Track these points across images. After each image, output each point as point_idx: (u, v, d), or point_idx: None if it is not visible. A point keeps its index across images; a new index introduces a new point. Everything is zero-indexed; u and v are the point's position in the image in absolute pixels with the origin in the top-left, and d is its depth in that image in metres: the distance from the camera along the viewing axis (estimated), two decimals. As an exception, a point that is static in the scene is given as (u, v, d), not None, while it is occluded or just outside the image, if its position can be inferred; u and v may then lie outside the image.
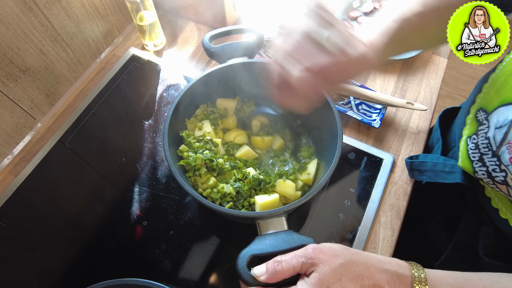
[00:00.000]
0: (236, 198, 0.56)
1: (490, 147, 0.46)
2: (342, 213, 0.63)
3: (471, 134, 0.52)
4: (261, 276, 0.40)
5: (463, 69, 2.01)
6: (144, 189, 0.67)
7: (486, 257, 0.55)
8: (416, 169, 0.64)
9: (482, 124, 0.49)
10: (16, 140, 0.73)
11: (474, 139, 0.50)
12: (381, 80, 0.80)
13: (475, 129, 0.51)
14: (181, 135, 0.61)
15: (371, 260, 0.39)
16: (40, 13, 0.66)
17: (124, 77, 0.80)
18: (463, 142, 0.54)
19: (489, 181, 0.48)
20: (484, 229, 0.56)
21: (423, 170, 0.62)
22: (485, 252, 0.56)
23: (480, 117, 0.50)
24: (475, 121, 0.51)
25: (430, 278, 0.39)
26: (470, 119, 0.53)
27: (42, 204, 0.66)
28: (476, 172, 0.50)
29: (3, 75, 0.64)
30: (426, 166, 0.62)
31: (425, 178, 0.62)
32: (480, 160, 0.49)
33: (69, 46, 0.75)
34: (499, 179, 0.46)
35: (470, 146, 0.51)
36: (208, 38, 0.62)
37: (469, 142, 0.52)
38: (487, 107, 0.49)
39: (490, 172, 0.47)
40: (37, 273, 0.60)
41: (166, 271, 0.59)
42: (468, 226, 0.58)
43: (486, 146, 0.47)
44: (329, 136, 0.57)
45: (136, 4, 0.75)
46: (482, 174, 0.49)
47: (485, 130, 0.48)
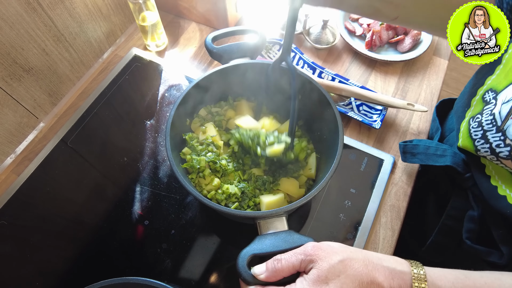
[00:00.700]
0: (241, 198, 0.57)
1: (495, 122, 0.47)
2: (343, 214, 0.63)
3: (475, 114, 0.52)
4: (261, 274, 0.40)
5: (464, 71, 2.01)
6: (145, 188, 0.67)
7: (468, 241, 0.56)
8: (409, 152, 0.64)
9: (489, 103, 0.49)
10: (19, 139, 0.73)
11: (477, 118, 0.51)
12: (382, 81, 0.80)
13: (481, 109, 0.51)
14: (185, 137, 0.61)
15: (370, 257, 0.40)
16: (43, 13, 0.67)
17: (126, 77, 0.81)
18: (464, 123, 0.54)
19: (493, 158, 0.48)
20: (469, 213, 0.57)
21: (416, 153, 0.63)
22: (467, 236, 0.57)
23: (487, 97, 0.50)
24: (482, 101, 0.52)
25: (429, 274, 0.39)
26: (476, 101, 0.53)
27: (44, 203, 0.67)
28: (479, 150, 0.50)
29: (7, 74, 0.65)
30: (418, 149, 0.62)
31: (417, 160, 0.63)
32: (483, 137, 0.49)
33: (72, 46, 0.76)
34: (503, 154, 0.46)
35: (472, 125, 0.51)
36: (211, 38, 0.63)
37: (472, 122, 0.52)
38: (497, 87, 0.49)
39: (494, 149, 0.47)
40: (39, 271, 0.60)
41: (167, 270, 0.59)
42: (454, 211, 0.59)
43: (490, 122, 0.48)
44: (330, 136, 0.57)
45: (138, 5, 0.75)
46: (485, 151, 0.49)
47: (491, 107, 0.48)
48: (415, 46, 0.82)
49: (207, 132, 0.61)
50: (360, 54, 0.83)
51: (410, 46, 0.81)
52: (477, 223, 0.57)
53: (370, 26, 0.85)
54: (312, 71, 0.80)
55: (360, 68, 0.83)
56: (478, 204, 0.57)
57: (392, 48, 0.84)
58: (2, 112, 0.67)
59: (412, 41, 0.81)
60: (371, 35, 0.82)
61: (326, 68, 0.79)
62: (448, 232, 0.61)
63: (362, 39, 0.86)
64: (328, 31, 0.84)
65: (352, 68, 0.83)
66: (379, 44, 0.83)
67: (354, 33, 0.86)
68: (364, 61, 0.83)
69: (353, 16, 0.89)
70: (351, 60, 0.84)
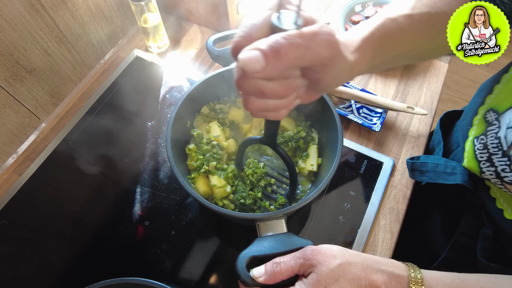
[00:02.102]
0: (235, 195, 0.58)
1: (501, 147, 0.46)
2: (342, 216, 0.64)
3: (479, 135, 0.52)
4: (260, 277, 0.41)
5: (465, 73, 2.02)
6: (146, 189, 0.68)
7: (484, 259, 0.56)
8: (417, 170, 0.64)
9: (492, 125, 0.49)
10: (21, 140, 0.74)
11: (482, 139, 0.50)
12: (382, 84, 0.81)
13: (484, 130, 0.51)
14: (193, 134, 0.62)
15: (368, 261, 0.40)
16: (46, 15, 0.67)
17: (128, 78, 0.81)
18: (469, 143, 0.54)
19: (497, 181, 0.48)
20: (483, 231, 0.56)
21: (424, 171, 0.62)
22: (482, 254, 0.56)
23: (489, 118, 0.50)
24: (484, 121, 0.51)
25: (426, 278, 0.39)
26: (478, 120, 0.53)
27: (45, 203, 0.67)
28: (483, 173, 0.50)
29: (9, 75, 0.65)
30: (427, 167, 0.62)
31: (426, 178, 0.62)
32: (489, 160, 0.49)
33: (74, 47, 0.76)
34: (508, 179, 0.46)
35: (477, 146, 0.51)
36: (212, 41, 0.63)
37: (476, 142, 0.52)
38: (498, 107, 0.49)
39: (499, 172, 0.47)
40: (40, 271, 0.61)
41: (167, 271, 0.60)
42: (466, 228, 0.59)
43: (496, 146, 0.47)
44: (330, 139, 0.58)
45: (140, 7, 0.76)
46: (490, 174, 0.49)
47: (496, 130, 0.48)
48: (415, 49, 0.82)
49: (211, 132, 0.62)
50: (361, 57, 0.83)
51: (411, 49, 0.81)
52: (491, 241, 0.56)
53: (370, 29, 0.85)
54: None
55: (360, 71, 0.83)
56: (491, 222, 0.56)
57: (392, 51, 0.84)
58: (4, 112, 0.67)
59: (412, 44, 0.81)
60: (372, 38, 0.82)
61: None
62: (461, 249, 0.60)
63: (362, 42, 0.86)
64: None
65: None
66: (380, 47, 0.83)
67: (354, 36, 0.86)
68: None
69: (354, 19, 0.89)
70: (352, 62, 0.84)
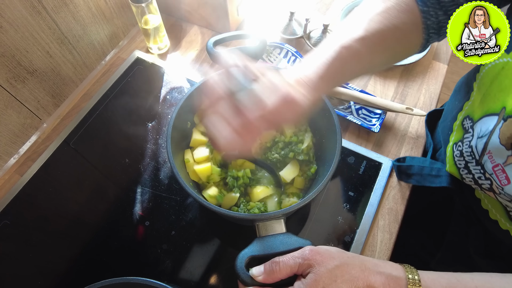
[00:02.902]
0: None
1: (474, 155, 0.47)
2: (341, 216, 0.64)
3: (457, 141, 0.52)
4: (259, 276, 0.41)
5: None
6: (146, 189, 0.68)
7: (477, 256, 0.56)
8: (404, 173, 0.65)
9: (468, 132, 0.50)
10: (22, 140, 0.74)
11: (459, 147, 0.51)
12: (381, 85, 0.81)
13: (461, 136, 0.51)
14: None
15: (366, 263, 0.40)
16: (48, 17, 0.68)
17: (129, 79, 0.82)
18: (449, 148, 0.54)
19: (477, 187, 0.49)
20: (474, 229, 0.57)
21: (411, 174, 0.63)
22: (475, 251, 0.57)
23: (466, 125, 0.51)
24: (462, 128, 0.52)
25: (423, 279, 0.40)
26: (457, 126, 0.54)
27: (46, 203, 0.68)
28: (464, 179, 0.51)
29: (11, 76, 0.66)
30: (413, 170, 0.62)
31: (413, 181, 0.63)
32: (466, 168, 0.49)
33: (75, 48, 0.77)
34: (485, 186, 0.46)
35: (455, 153, 0.52)
36: (212, 43, 0.63)
37: (455, 149, 0.52)
38: (473, 115, 0.49)
39: (477, 180, 0.48)
40: (41, 270, 0.61)
41: (167, 271, 0.60)
42: (457, 227, 0.59)
43: (469, 154, 0.48)
44: (329, 140, 0.58)
45: (141, 8, 0.76)
46: (469, 181, 0.49)
47: (469, 138, 0.49)
48: (414, 50, 0.83)
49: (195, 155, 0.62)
50: (360, 58, 0.83)
51: (410, 50, 0.82)
52: (482, 239, 0.56)
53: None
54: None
55: (360, 72, 0.83)
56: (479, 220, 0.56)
57: (392, 52, 0.85)
58: (6, 113, 0.68)
59: (411, 45, 0.82)
60: (371, 39, 0.82)
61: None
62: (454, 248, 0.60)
63: (362, 43, 0.86)
64: (328, 35, 0.85)
65: (352, 72, 0.83)
66: (379, 49, 0.83)
67: (354, 37, 0.87)
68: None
69: (354, 21, 0.89)
70: (351, 64, 0.85)
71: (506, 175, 0.41)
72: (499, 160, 0.42)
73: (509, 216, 0.48)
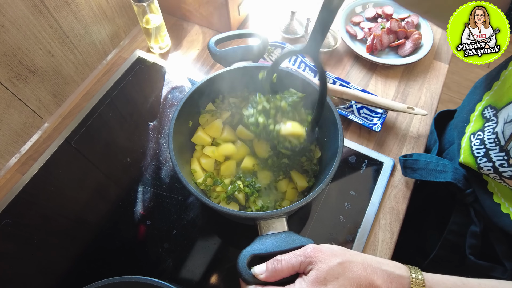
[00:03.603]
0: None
1: (498, 142, 0.47)
2: (342, 215, 0.64)
3: (476, 131, 0.52)
4: (261, 274, 0.41)
5: (466, 74, 2.02)
6: (148, 188, 0.68)
7: (472, 256, 0.56)
8: (409, 167, 0.65)
9: (490, 120, 0.49)
10: (24, 139, 0.75)
11: (479, 135, 0.51)
12: (382, 85, 0.81)
13: (481, 126, 0.51)
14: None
15: (369, 261, 0.40)
16: (49, 16, 0.68)
17: (130, 78, 0.82)
18: (465, 139, 0.54)
19: (496, 176, 0.48)
20: (471, 229, 0.57)
21: (416, 168, 0.63)
22: (470, 252, 0.57)
23: (487, 114, 0.50)
24: (481, 118, 0.52)
25: (427, 280, 0.39)
26: (476, 116, 0.53)
27: (48, 202, 0.68)
28: (481, 168, 0.50)
29: (13, 76, 0.66)
30: (419, 165, 0.63)
31: (418, 176, 0.63)
32: (486, 156, 0.49)
33: (76, 48, 0.77)
34: (507, 174, 0.46)
35: (474, 142, 0.51)
36: (214, 42, 0.63)
37: (473, 138, 0.52)
38: (497, 103, 0.49)
39: (497, 168, 0.47)
40: (42, 269, 0.61)
41: (169, 270, 0.60)
42: (456, 226, 0.59)
43: (493, 141, 0.48)
44: (330, 139, 0.58)
45: (142, 8, 0.76)
46: (488, 169, 0.49)
47: (493, 125, 0.48)
48: (415, 50, 0.83)
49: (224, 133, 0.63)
50: (361, 58, 0.83)
51: (411, 50, 0.82)
52: (479, 238, 0.56)
53: (371, 30, 0.86)
54: (314, 74, 0.81)
55: (361, 72, 0.83)
56: (480, 219, 0.57)
57: (392, 52, 0.85)
58: (8, 112, 0.68)
59: (412, 45, 0.82)
60: (372, 39, 0.82)
61: (327, 71, 0.80)
62: (450, 247, 0.60)
63: (363, 43, 0.86)
64: (329, 35, 0.85)
65: (353, 71, 0.84)
66: (380, 48, 0.84)
67: (355, 37, 0.87)
68: (365, 64, 0.84)
69: (355, 20, 0.89)
70: (352, 63, 0.85)
71: None
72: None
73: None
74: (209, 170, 0.62)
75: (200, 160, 0.62)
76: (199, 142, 0.64)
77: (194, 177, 0.61)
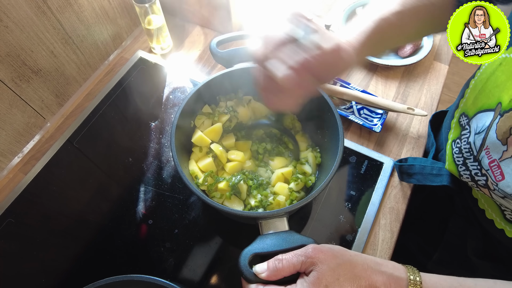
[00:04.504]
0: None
1: (472, 151, 0.48)
2: (343, 215, 0.64)
3: (455, 138, 0.53)
4: (262, 273, 0.41)
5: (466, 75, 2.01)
6: (149, 188, 0.69)
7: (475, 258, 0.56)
8: (405, 172, 0.65)
9: (465, 129, 0.50)
10: (27, 139, 0.75)
11: (458, 143, 0.52)
12: (382, 85, 0.82)
13: (459, 134, 0.52)
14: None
15: (369, 262, 0.41)
16: (52, 17, 0.68)
17: (132, 79, 0.82)
18: (448, 146, 0.55)
19: (473, 184, 0.49)
20: (472, 230, 0.57)
21: (412, 173, 0.63)
22: (473, 253, 0.57)
23: (462, 122, 0.51)
24: (459, 125, 0.53)
25: (425, 281, 0.40)
26: (454, 123, 0.54)
27: (50, 202, 0.68)
28: (461, 176, 0.51)
29: (16, 76, 0.66)
30: (414, 169, 0.63)
31: (414, 181, 0.63)
32: (464, 164, 0.50)
33: (79, 48, 0.78)
34: (481, 183, 0.47)
35: (454, 150, 0.52)
36: (215, 43, 0.64)
37: (454, 146, 0.53)
38: (468, 112, 0.50)
39: (473, 176, 0.48)
40: (45, 268, 0.62)
41: (170, 269, 0.61)
42: (456, 228, 0.59)
43: (468, 150, 0.48)
44: (331, 139, 0.58)
45: (144, 8, 0.77)
46: (467, 177, 0.50)
47: (467, 135, 0.49)
48: (415, 51, 0.83)
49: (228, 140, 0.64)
50: (362, 59, 0.84)
51: (411, 51, 0.82)
52: (480, 240, 0.57)
53: (371, 31, 0.86)
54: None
55: (361, 73, 0.84)
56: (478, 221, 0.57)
57: (393, 53, 0.85)
58: (11, 112, 0.68)
59: (413, 46, 0.82)
60: (373, 40, 0.83)
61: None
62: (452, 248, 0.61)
63: (363, 43, 0.87)
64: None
65: (353, 72, 0.84)
66: (381, 49, 0.84)
67: (356, 38, 0.87)
68: (365, 65, 0.85)
69: (355, 21, 0.90)
70: (353, 64, 0.85)
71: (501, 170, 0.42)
72: (495, 155, 0.43)
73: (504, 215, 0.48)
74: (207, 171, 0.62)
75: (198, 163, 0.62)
76: (199, 143, 0.64)
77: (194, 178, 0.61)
